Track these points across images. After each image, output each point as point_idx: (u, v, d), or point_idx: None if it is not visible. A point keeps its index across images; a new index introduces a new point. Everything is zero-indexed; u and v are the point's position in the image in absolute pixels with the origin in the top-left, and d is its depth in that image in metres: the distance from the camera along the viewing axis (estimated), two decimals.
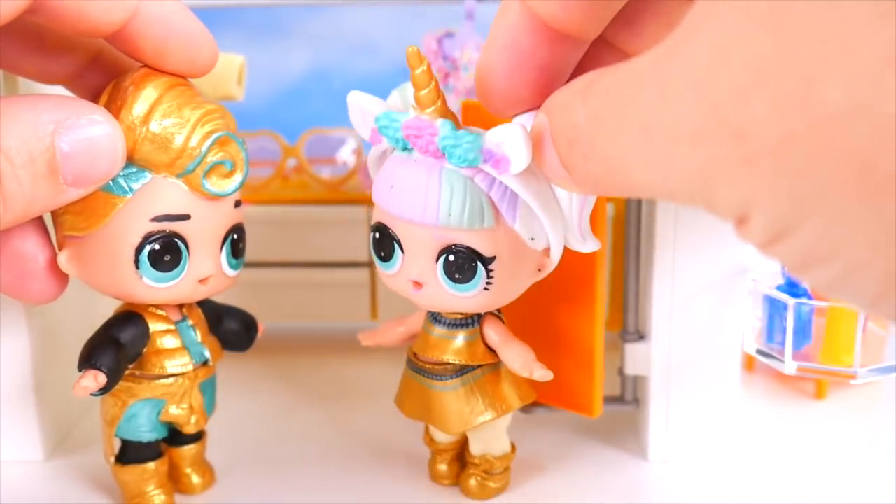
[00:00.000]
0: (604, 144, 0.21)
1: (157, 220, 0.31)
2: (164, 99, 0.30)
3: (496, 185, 0.29)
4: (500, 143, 0.27)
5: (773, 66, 0.17)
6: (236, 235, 0.33)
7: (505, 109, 0.28)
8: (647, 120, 0.20)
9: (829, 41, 0.16)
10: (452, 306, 0.31)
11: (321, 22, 0.72)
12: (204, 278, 0.32)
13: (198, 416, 0.35)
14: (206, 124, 0.30)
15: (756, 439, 0.41)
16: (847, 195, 0.17)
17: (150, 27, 0.29)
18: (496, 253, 0.30)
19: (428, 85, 0.28)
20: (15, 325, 0.38)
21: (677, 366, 0.38)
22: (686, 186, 0.19)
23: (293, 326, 0.54)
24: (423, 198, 0.29)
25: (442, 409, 0.33)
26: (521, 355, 0.32)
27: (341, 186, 0.53)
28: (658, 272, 0.37)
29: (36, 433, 0.39)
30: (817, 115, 0.16)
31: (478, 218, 0.29)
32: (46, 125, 0.27)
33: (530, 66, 0.26)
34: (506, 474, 0.36)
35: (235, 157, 0.31)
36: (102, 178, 0.29)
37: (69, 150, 0.28)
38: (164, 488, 0.36)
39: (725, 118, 0.18)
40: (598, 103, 0.22)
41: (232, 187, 0.31)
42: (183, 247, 0.31)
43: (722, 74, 0.18)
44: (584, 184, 0.24)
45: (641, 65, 0.20)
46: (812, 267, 0.18)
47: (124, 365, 0.33)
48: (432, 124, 0.28)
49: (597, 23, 0.26)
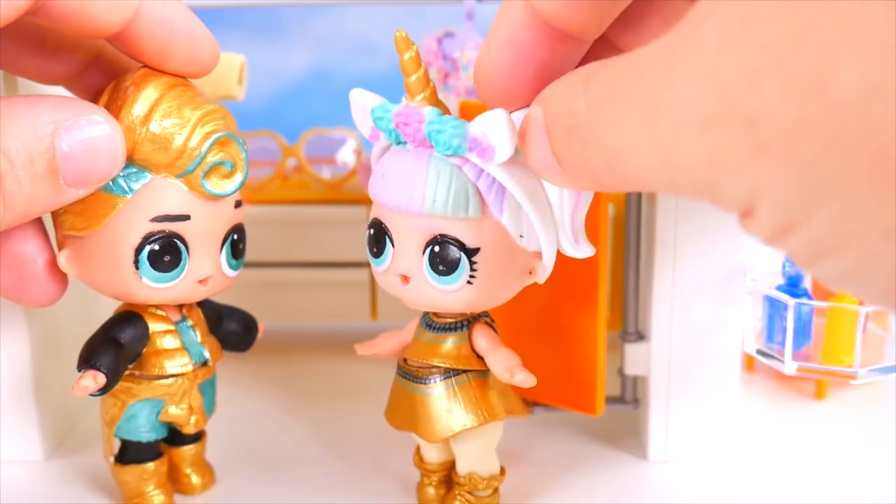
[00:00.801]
0: (604, 131, 0.21)
1: (157, 221, 0.31)
2: (165, 99, 0.30)
3: (484, 175, 0.29)
4: (485, 129, 0.27)
5: (787, 51, 0.16)
6: (236, 236, 0.33)
7: (503, 106, 0.28)
8: (652, 106, 0.19)
9: (844, 26, 0.16)
10: (438, 302, 0.31)
11: (321, 22, 0.72)
12: (204, 279, 0.32)
13: (197, 416, 0.35)
14: (207, 125, 0.30)
15: (756, 439, 0.41)
16: (861, 183, 0.16)
17: (152, 28, 0.29)
18: (480, 244, 0.29)
19: (416, 71, 0.29)
20: (15, 326, 0.38)
21: (677, 366, 0.38)
22: (691, 175, 0.19)
23: (293, 326, 0.54)
24: (410, 185, 0.29)
25: (424, 414, 0.33)
26: (504, 360, 0.32)
27: (341, 186, 0.53)
28: (658, 272, 0.37)
29: (36, 433, 0.39)
30: (832, 100, 0.16)
31: (462, 206, 0.29)
32: (46, 126, 0.27)
33: (530, 63, 0.26)
34: (494, 497, 0.35)
35: (235, 158, 0.31)
36: (102, 178, 0.29)
37: (69, 150, 0.28)
38: (163, 488, 0.36)
39: (736, 104, 0.17)
40: (601, 90, 0.21)
41: (232, 188, 0.31)
42: (183, 247, 0.31)
43: (733, 60, 0.17)
44: (579, 176, 0.23)
45: (647, 52, 0.20)
46: (822, 258, 0.18)
47: (124, 365, 0.33)
48: (420, 111, 0.28)
49: (598, 22, 0.26)
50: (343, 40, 0.73)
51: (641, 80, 0.19)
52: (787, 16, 0.17)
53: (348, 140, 0.54)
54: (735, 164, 0.18)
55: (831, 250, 0.17)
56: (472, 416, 0.32)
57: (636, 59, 0.20)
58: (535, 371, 0.37)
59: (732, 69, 0.17)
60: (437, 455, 0.35)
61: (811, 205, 0.17)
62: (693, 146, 0.18)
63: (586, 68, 0.22)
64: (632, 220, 0.38)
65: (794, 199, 0.17)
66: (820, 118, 0.16)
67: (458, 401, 0.32)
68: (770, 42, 0.17)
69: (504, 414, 0.33)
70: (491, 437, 0.34)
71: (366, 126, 0.31)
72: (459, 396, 0.32)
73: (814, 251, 0.18)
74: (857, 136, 0.16)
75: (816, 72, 0.16)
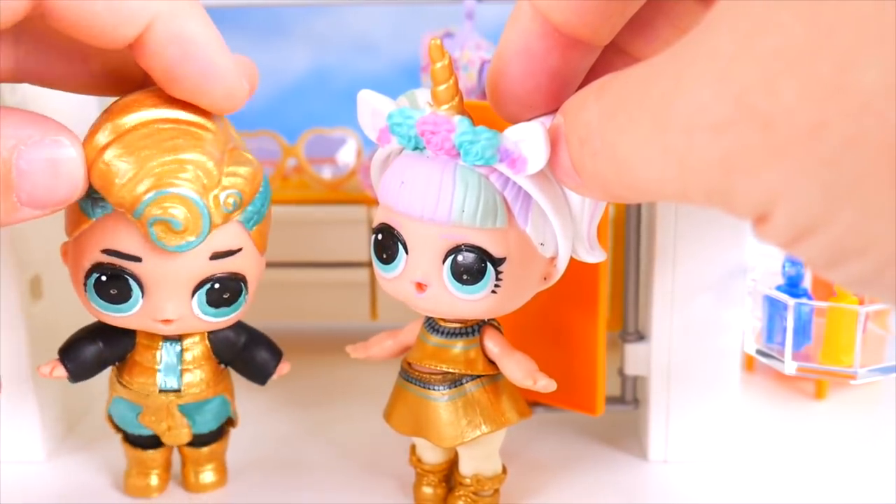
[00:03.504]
0: (614, 140, 0.21)
1: (108, 254, 0.30)
2: (132, 134, 0.28)
3: (510, 184, 0.28)
4: (519, 141, 0.27)
5: (805, 54, 0.16)
6: (217, 285, 0.31)
7: (517, 115, 0.28)
8: (662, 112, 0.19)
9: (862, 28, 0.16)
10: (456, 310, 0.30)
11: (321, 22, 0.72)
12: (165, 319, 0.31)
13: (178, 431, 0.34)
14: (164, 177, 0.27)
15: (756, 439, 0.41)
16: (882, 185, 0.16)
17: (163, 48, 0.27)
18: (507, 254, 0.29)
19: (448, 80, 0.28)
20: (15, 326, 0.38)
21: (677, 366, 0.38)
22: (703, 180, 0.18)
23: (293, 326, 0.54)
24: (435, 194, 0.28)
25: (436, 420, 0.33)
26: (522, 365, 0.32)
27: (341, 186, 0.53)
28: (658, 272, 0.37)
29: (36, 433, 0.39)
30: (851, 102, 0.16)
31: (491, 216, 0.28)
32: (7, 139, 0.26)
33: (542, 71, 0.26)
34: (495, 497, 0.35)
35: (185, 219, 0.28)
36: (61, 201, 0.27)
37: (27, 168, 0.26)
38: (160, 469, 0.36)
39: (752, 107, 0.17)
40: (612, 99, 0.21)
41: (183, 245, 0.28)
42: (135, 284, 0.30)
43: (749, 63, 0.17)
44: (593, 186, 0.23)
45: (658, 60, 0.20)
46: (842, 263, 0.18)
47: (97, 366, 0.33)
48: (449, 121, 0.28)
49: (609, 28, 0.26)
50: (343, 40, 0.73)
51: (651, 87, 0.19)
52: (803, 20, 0.16)
53: (348, 140, 0.54)
54: (751, 167, 0.17)
55: (853, 254, 0.17)
56: (487, 424, 0.32)
57: (646, 68, 0.20)
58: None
59: (747, 73, 0.17)
60: (435, 456, 0.35)
61: (831, 208, 0.17)
62: (706, 150, 0.18)
63: (601, 80, 0.22)
64: (632, 220, 0.38)
65: (813, 203, 0.17)
66: (839, 120, 0.16)
67: (474, 409, 0.32)
68: (786, 45, 0.17)
69: (517, 418, 0.33)
70: (497, 439, 0.34)
71: (373, 129, 0.30)
72: (474, 405, 0.32)
73: (833, 255, 0.17)
74: (878, 138, 0.16)
75: (835, 73, 0.16)
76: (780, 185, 0.17)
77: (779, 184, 0.17)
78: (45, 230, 0.39)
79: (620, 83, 0.21)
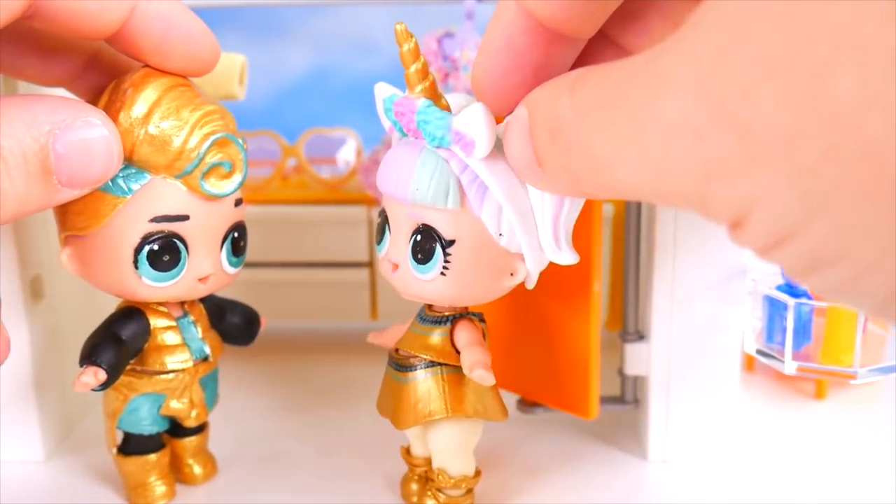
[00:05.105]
0: (590, 138, 0.21)
1: (156, 221, 0.31)
2: (164, 100, 0.30)
3: (468, 169, 0.29)
4: (466, 124, 0.28)
5: (783, 62, 0.16)
6: (237, 234, 0.33)
7: (501, 109, 0.28)
8: (642, 114, 0.19)
9: (841, 36, 0.16)
10: (419, 292, 0.31)
11: (321, 22, 0.72)
12: (204, 277, 0.32)
13: (198, 410, 0.35)
14: (205, 126, 0.31)
15: (756, 439, 0.41)
16: (858, 192, 0.16)
17: (149, 25, 0.30)
18: (456, 237, 0.30)
19: (415, 62, 0.29)
20: (15, 326, 0.38)
21: (677, 366, 0.38)
22: (680, 185, 0.19)
23: (293, 326, 0.54)
24: (398, 173, 0.30)
25: (399, 401, 0.33)
26: (471, 355, 0.32)
27: (341, 186, 0.53)
28: (658, 272, 0.37)
29: (36, 433, 0.39)
30: (829, 110, 0.16)
31: (442, 196, 0.29)
32: (42, 125, 0.27)
33: (526, 66, 0.26)
34: (468, 497, 0.35)
35: (234, 159, 0.31)
36: (97, 180, 0.29)
37: (64, 151, 0.28)
38: (165, 478, 0.36)
39: (730, 114, 0.17)
40: (587, 95, 0.21)
41: (231, 188, 0.32)
42: (182, 247, 0.31)
43: (728, 70, 0.17)
44: (560, 180, 0.23)
45: (637, 60, 0.19)
46: (817, 270, 0.18)
47: (125, 361, 0.33)
48: (413, 102, 0.29)
49: (593, 22, 0.26)
50: (343, 40, 0.73)
51: (631, 88, 0.19)
52: (781, 28, 0.16)
53: (348, 140, 0.54)
54: (728, 173, 0.17)
55: (828, 262, 0.17)
56: (441, 409, 0.33)
57: (625, 67, 0.20)
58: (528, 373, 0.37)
59: (726, 79, 0.17)
60: (421, 450, 0.35)
61: (807, 215, 0.17)
62: (684, 155, 0.18)
63: (574, 73, 0.22)
64: (631, 219, 0.38)
65: (790, 211, 0.17)
66: (816, 128, 0.16)
67: (431, 392, 0.33)
68: (765, 53, 0.17)
69: (472, 413, 0.33)
70: (465, 437, 0.34)
71: (385, 119, 0.31)
72: (433, 388, 0.33)
73: (809, 262, 0.17)
74: (855, 146, 0.16)
75: (812, 82, 0.16)
76: (757, 192, 0.17)
77: (756, 191, 0.17)
78: (45, 231, 0.39)
79: (598, 80, 0.21)
